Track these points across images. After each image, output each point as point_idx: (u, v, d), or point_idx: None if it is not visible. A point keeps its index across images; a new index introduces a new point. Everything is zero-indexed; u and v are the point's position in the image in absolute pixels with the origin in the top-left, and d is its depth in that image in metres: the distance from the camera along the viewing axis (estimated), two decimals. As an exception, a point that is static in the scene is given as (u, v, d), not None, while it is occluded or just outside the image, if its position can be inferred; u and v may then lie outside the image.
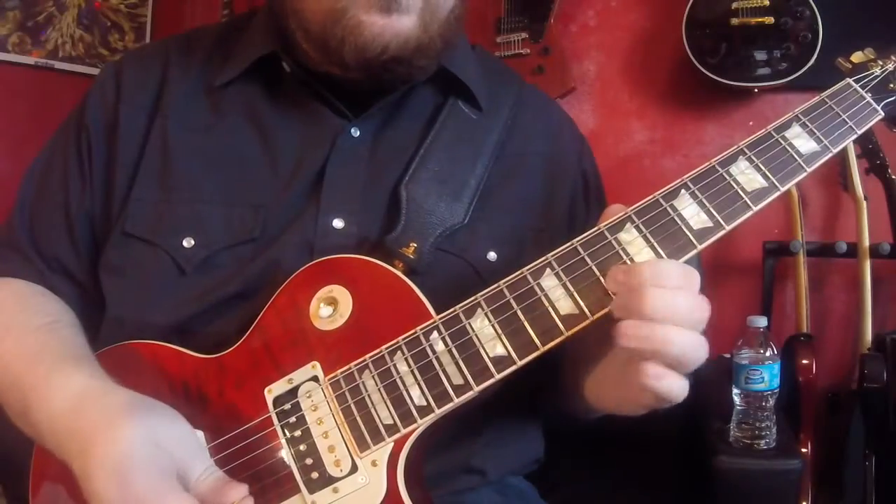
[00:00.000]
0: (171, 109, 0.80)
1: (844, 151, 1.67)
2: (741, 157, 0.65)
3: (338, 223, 0.75)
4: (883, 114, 0.70)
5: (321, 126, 0.79)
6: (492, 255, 0.79)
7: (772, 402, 1.22)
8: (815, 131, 0.66)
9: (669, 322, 0.56)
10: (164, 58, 0.84)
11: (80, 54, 2.20)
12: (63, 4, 2.15)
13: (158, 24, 2.37)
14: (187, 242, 0.75)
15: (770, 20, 1.72)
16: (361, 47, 0.71)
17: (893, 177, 1.63)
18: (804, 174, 0.65)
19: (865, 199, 1.69)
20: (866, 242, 1.68)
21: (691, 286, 0.58)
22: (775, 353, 1.25)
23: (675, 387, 0.58)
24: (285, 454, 0.63)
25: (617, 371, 0.63)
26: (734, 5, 1.75)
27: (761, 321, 1.26)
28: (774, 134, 0.66)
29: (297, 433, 0.64)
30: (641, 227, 0.62)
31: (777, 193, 0.64)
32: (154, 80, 0.82)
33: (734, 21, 1.75)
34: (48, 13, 2.12)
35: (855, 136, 0.68)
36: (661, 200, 0.63)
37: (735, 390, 1.24)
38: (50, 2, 2.12)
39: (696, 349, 0.57)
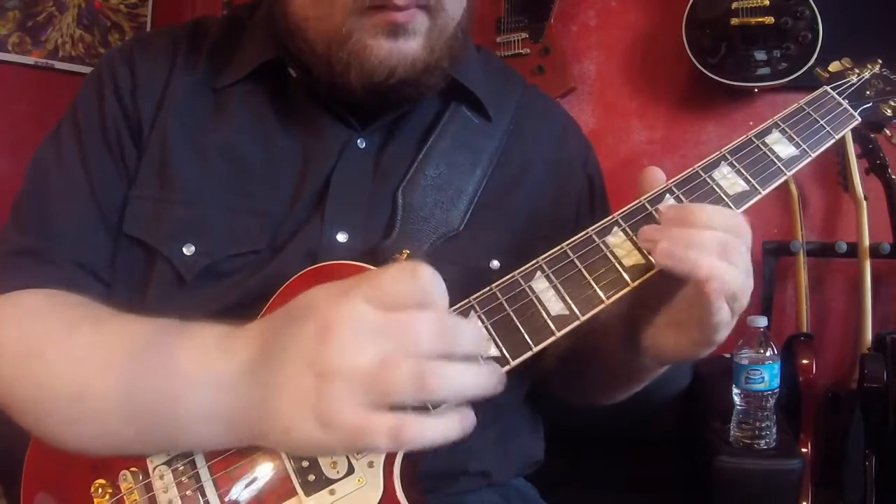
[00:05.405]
0: (174, 104, 0.77)
1: (845, 151, 1.67)
2: (723, 162, 0.67)
3: (341, 237, 0.73)
4: (860, 119, 0.72)
5: (327, 136, 0.77)
6: (495, 264, 0.77)
7: (772, 402, 1.22)
8: (794, 137, 0.69)
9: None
10: (173, 47, 0.80)
11: (80, 54, 2.20)
12: (63, 4, 2.15)
13: (158, 25, 2.37)
14: (188, 249, 0.72)
15: (770, 20, 1.72)
16: (368, 72, 0.69)
17: (893, 177, 1.63)
18: (784, 177, 0.68)
19: (865, 199, 1.69)
20: (866, 242, 1.68)
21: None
22: (775, 353, 1.25)
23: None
24: (281, 457, 0.63)
25: (679, 314, 0.65)
26: (734, 5, 1.75)
27: (761, 321, 1.26)
28: (755, 140, 0.68)
29: (294, 435, 0.63)
30: (628, 230, 0.63)
31: (758, 196, 0.66)
32: (163, 70, 0.78)
33: (734, 21, 1.75)
34: (48, 13, 2.12)
35: (833, 141, 0.71)
36: (646, 205, 0.64)
37: (735, 390, 1.24)
38: (50, 2, 2.12)
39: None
